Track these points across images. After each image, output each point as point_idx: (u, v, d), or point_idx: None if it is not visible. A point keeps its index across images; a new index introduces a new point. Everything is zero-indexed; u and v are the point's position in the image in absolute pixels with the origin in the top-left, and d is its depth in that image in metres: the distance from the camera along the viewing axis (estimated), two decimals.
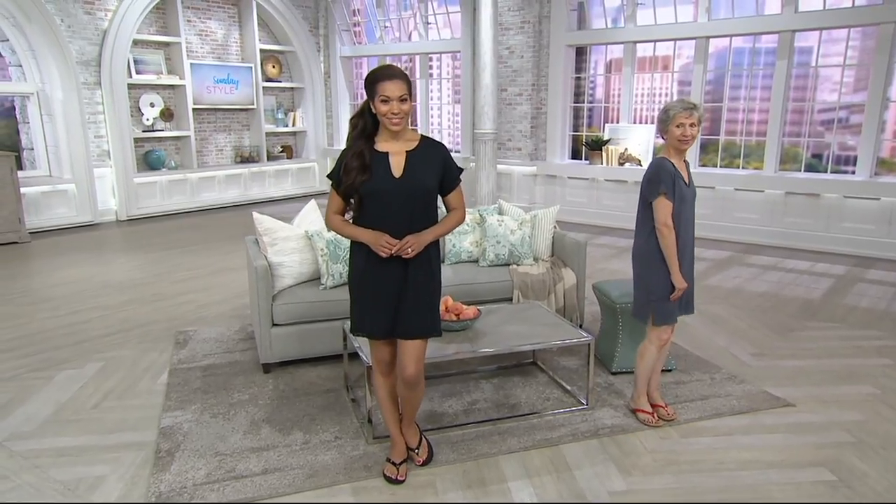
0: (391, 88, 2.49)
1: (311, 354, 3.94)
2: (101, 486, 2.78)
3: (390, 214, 2.59)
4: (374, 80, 2.52)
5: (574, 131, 9.16)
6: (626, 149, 8.35)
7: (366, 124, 2.60)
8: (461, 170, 2.76)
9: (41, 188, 8.28)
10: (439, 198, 2.73)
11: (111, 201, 8.94)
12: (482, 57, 8.11)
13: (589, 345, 3.43)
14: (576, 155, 9.18)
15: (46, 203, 8.32)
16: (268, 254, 3.99)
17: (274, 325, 3.86)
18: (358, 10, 11.05)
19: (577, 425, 3.30)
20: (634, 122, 8.60)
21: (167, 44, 9.37)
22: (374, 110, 2.55)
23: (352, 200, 2.65)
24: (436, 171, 2.64)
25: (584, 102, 9.13)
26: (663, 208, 3.03)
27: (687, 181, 3.11)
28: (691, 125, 3.00)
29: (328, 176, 2.69)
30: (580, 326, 4.50)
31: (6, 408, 3.49)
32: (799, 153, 7.85)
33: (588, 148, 8.63)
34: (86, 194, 8.60)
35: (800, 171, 7.72)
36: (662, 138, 3.13)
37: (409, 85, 2.55)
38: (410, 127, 2.73)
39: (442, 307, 3.52)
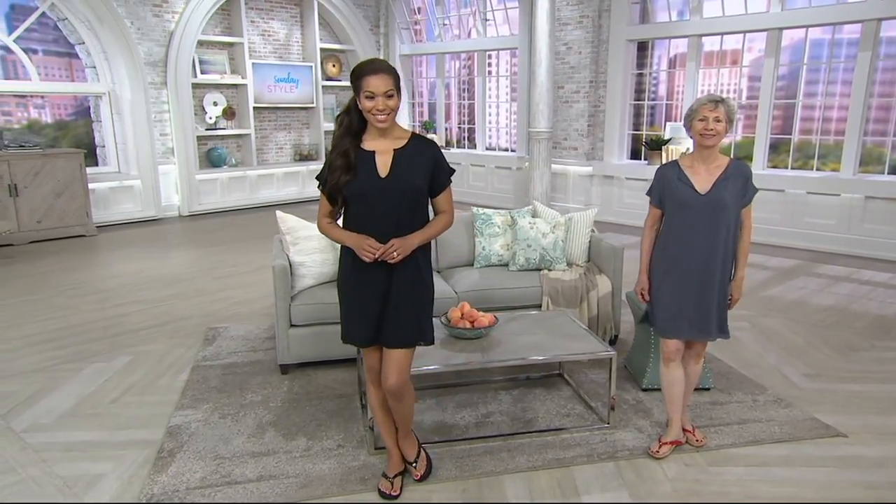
0: (376, 83, 2.35)
1: (328, 357, 3.86)
2: (99, 484, 2.78)
3: (376, 216, 2.46)
4: (359, 75, 2.39)
5: (635, 130, 8.77)
6: (687, 148, 7.89)
7: (352, 122, 2.48)
8: (452, 171, 2.60)
9: (110, 184, 8.65)
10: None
11: (174, 197, 9.24)
12: (538, 53, 7.89)
13: (611, 359, 3.18)
14: (635, 155, 8.78)
15: (114, 198, 8.70)
16: (290, 253, 3.95)
17: (292, 325, 3.81)
18: (418, 8, 10.99)
19: (594, 445, 3.07)
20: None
21: (231, 44, 9.60)
22: (360, 107, 2.43)
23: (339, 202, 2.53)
24: (425, 170, 2.49)
25: (645, 100, 8.70)
26: (649, 212, 2.99)
27: (703, 188, 2.80)
28: (716, 119, 2.73)
29: (316, 177, 2.59)
30: (615, 338, 4.24)
31: (32, 398, 3.59)
32: (883, 154, 7.19)
33: (647, 148, 8.23)
34: (150, 190, 8.93)
35: (883, 173, 7.07)
36: (690, 136, 2.87)
37: (397, 79, 2.41)
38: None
39: (457, 313, 3.37)
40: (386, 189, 2.44)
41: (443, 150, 9.23)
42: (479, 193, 10.02)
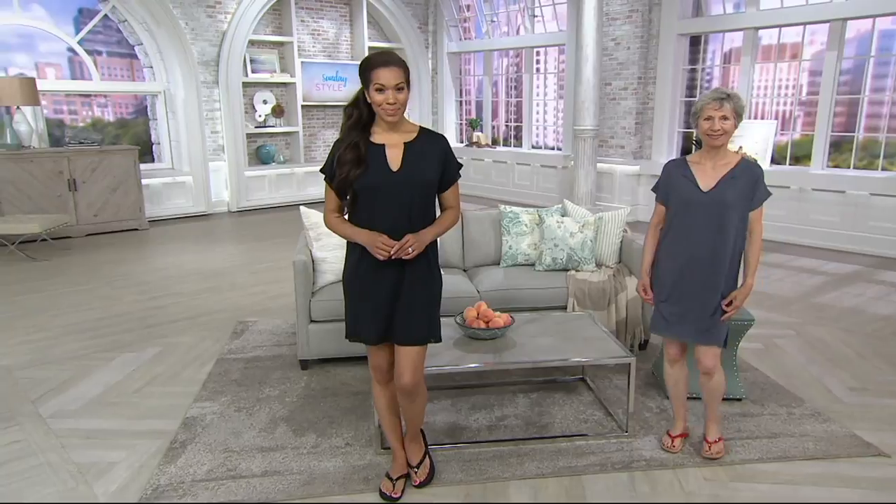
0: (386, 76, 2.30)
1: (347, 354, 3.83)
2: (110, 472, 2.83)
3: (387, 211, 2.40)
4: (368, 67, 2.34)
5: (686, 128, 8.44)
6: (740, 147, 7.54)
7: (361, 114, 2.43)
8: (461, 165, 2.53)
9: (163, 180, 8.93)
10: None
11: (224, 193, 9.47)
12: (584, 49, 7.71)
13: (629, 364, 3.04)
14: (685, 154, 8.45)
15: (167, 194, 8.98)
16: (313, 248, 3.95)
17: (312, 321, 3.81)
18: (467, 5, 10.92)
19: (609, 454, 2.94)
20: (753, 118, 7.76)
21: (281, 43, 9.76)
22: (369, 99, 2.38)
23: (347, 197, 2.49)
24: (436, 164, 2.43)
25: (697, 96, 8.37)
26: (655, 209, 2.90)
27: (707, 185, 2.66)
28: (722, 118, 2.59)
29: (321, 170, 2.55)
30: (644, 342, 4.07)
31: (63, 385, 3.71)
32: None
33: (697, 146, 7.89)
34: (201, 186, 9.17)
35: None
36: (697, 134, 2.74)
37: (407, 72, 2.36)
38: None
39: (473, 313, 3.29)
40: (398, 183, 2.39)
41: (490, 149, 9.05)
42: (525, 192, 9.86)
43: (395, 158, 2.41)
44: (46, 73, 8.81)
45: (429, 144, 2.45)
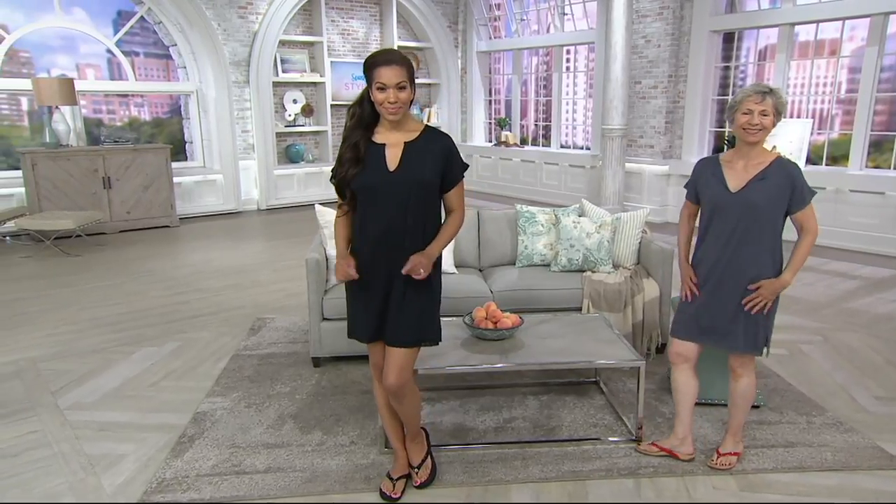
0: (388, 75, 2.29)
1: (359, 352, 3.76)
2: (118, 464, 2.89)
3: (384, 210, 2.40)
4: (371, 66, 2.33)
5: (718, 127, 8.24)
6: (773, 146, 7.32)
7: (364, 113, 2.43)
8: (466, 166, 2.50)
9: (195, 178, 9.10)
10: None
11: (254, 191, 9.60)
12: (613, 47, 7.60)
13: (639, 368, 2.97)
14: (717, 153, 8.25)
15: (198, 192, 9.14)
16: (327, 246, 3.97)
17: (324, 319, 3.82)
18: (497, 4, 10.86)
19: (616, 460, 2.88)
20: (788, 117, 7.53)
21: (311, 43, 9.85)
22: (372, 98, 2.37)
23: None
24: (436, 164, 2.40)
25: (729, 95, 8.16)
26: (684, 204, 2.83)
27: (736, 185, 2.56)
28: (762, 113, 2.47)
29: (332, 170, 2.56)
30: (661, 346, 3.98)
31: (83, 378, 3.79)
32: None
33: (729, 145, 7.71)
34: (231, 184, 9.32)
35: None
36: (731, 130, 2.64)
37: (411, 71, 2.34)
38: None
39: (482, 313, 3.26)
40: (394, 182, 2.38)
41: (518, 148, 8.95)
42: (553, 192, 9.75)
43: (393, 158, 2.40)
44: (86, 73, 9.05)
45: (431, 144, 2.42)
